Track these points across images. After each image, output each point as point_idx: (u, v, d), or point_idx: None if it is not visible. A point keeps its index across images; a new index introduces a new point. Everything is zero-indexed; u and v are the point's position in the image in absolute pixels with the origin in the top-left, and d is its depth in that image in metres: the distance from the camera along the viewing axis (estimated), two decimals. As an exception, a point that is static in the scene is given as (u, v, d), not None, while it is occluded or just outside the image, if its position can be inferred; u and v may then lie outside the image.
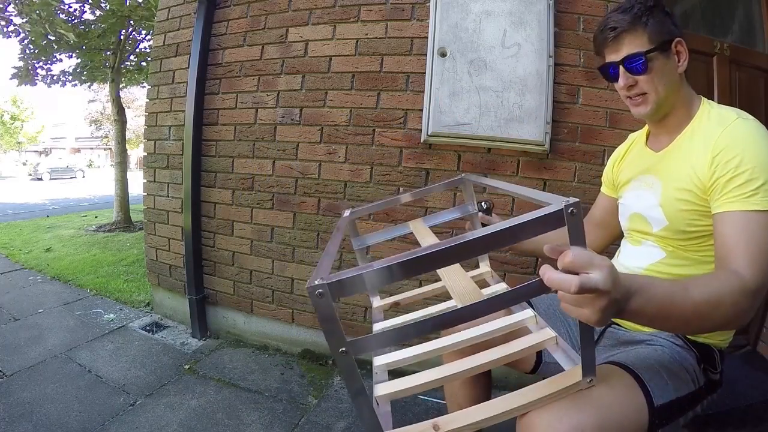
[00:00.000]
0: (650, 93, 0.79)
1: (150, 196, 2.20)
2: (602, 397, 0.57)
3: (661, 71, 0.78)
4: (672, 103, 0.81)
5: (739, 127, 0.71)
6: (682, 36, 0.79)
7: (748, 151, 0.67)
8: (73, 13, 4.42)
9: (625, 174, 0.95)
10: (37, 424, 1.31)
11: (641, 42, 0.77)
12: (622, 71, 0.79)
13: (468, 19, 1.55)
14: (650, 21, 0.76)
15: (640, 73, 0.78)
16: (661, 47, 0.77)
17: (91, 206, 7.94)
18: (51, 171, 18.85)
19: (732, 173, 0.67)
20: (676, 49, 0.78)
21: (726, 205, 0.67)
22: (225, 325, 2.03)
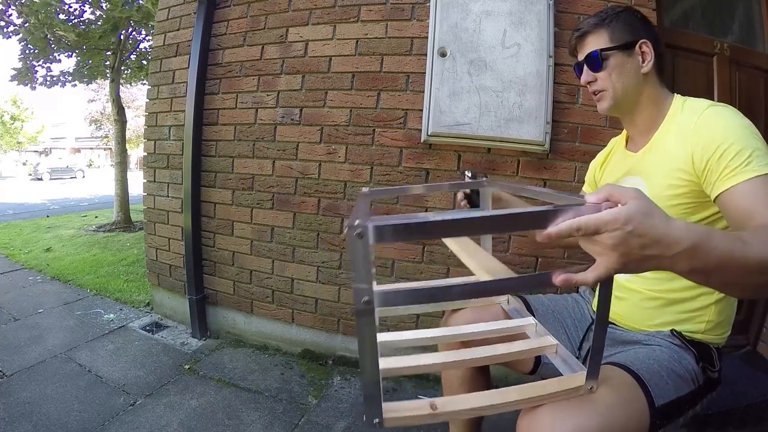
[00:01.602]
0: (607, 90, 0.83)
1: (150, 196, 2.20)
2: (604, 398, 0.57)
3: (619, 69, 0.82)
4: (634, 102, 0.84)
5: (712, 112, 0.73)
6: (652, 38, 0.82)
7: (726, 130, 0.69)
8: (72, 12, 4.42)
9: (606, 179, 0.97)
10: (37, 424, 1.31)
11: (602, 41, 0.82)
12: (585, 68, 0.85)
13: (468, 19, 1.55)
14: (613, 22, 0.81)
15: (597, 70, 0.83)
16: (623, 47, 0.81)
17: (91, 206, 7.94)
18: (51, 171, 18.86)
19: (720, 152, 0.68)
20: (640, 49, 0.81)
21: (726, 181, 0.67)
22: (225, 325, 2.03)
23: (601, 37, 0.82)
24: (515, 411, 0.62)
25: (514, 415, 0.61)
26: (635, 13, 0.85)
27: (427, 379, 1.69)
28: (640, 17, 0.84)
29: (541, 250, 1.60)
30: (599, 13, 0.85)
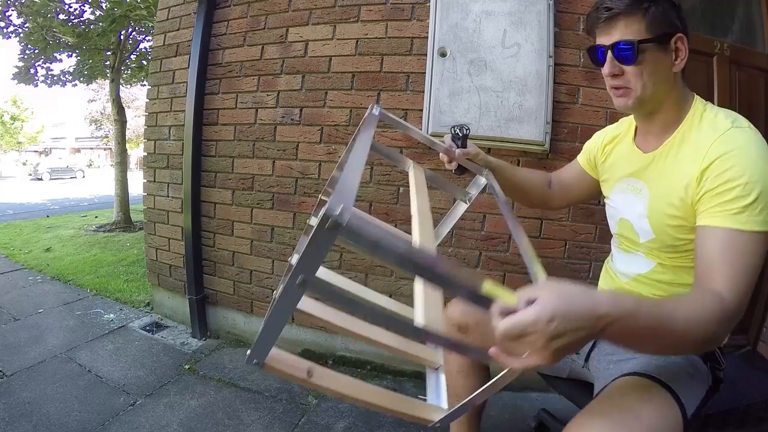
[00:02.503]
0: (635, 88, 0.72)
1: (150, 196, 2.20)
2: (650, 418, 0.58)
3: (652, 66, 0.71)
4: (659, 102, 0.75)
5: (734, 136, 0.66)
6: (686, 33, 0.71)
7: (741, 164, 0.63)
8: (72, 12, 4.42)
9: (612, 171, 0.91)
10: (37, 424, 1.31)
11: (637, 29, 0.69)
12: (610, 57, 0.72)
13: (468, 19, 1.55)
14: (652, 8, 0.69)
15: (628, 63, 0.71)
16: (659, 39, 0.69)
17: (91, 206, 7.94)
18: (51, 171, 18.84)
19: (722, 187, 0.63)
20: (675, 45, 0.71)
21: (712, 218, 0.64)
22: (225, 325, 2.03)
23: (635, 23, 0.69)
24: (515, 410, 0.62)
25: (514, 415, 0.61)
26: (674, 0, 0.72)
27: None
28: (678, 5, 0.72)
29: (541, 251, 1.60)
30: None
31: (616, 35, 0.71)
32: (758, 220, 0.61)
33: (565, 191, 1.05)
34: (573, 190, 1.04)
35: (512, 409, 1.51)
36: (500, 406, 1.53)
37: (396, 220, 1.70)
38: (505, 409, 1.51)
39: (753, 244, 0.61)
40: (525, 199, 1.08)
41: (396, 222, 1.70)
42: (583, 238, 1.59)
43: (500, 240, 1.63)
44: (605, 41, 0.72)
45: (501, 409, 1.50)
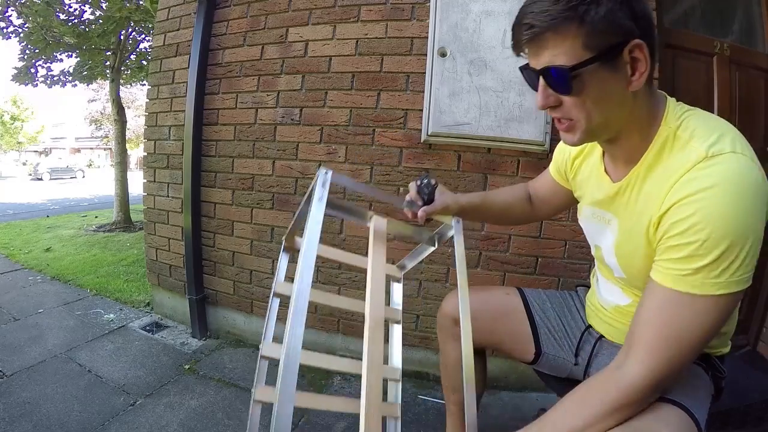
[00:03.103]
0: (578, 120, 0.58)
1: (150, 196, 2.20)
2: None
3: (598, 91, 0.55)
4: (616, 130, 0.61)
5: (704, 172, 0.52)
6: (647, 35, 0.54)
7: (704, 214, 0.51)
8: (72, 12, 4.42)
9: (582, 189, 0.82)
10: (37, 424, 1.31)
11: (571, 47, 0.53)
12: (542, 85, 0.58)
13: (468, 19, 1.55)
14: (590, 14, 0.51)
15: (565, 93, 0.56)
16: (603, 56, 0.53)
17: (91, 206, 7.94)
18: (51, 171, 18.85)
19: (675, 240, 0.54)
20: (630, 55, 0.54)
21: (659, 272, 0.56)
22: (225, 325, 2.03)
23: (568, 41, 0.53)
24: (515, 410, 0.62)
25: (513, 415, 0.62)
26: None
27: (427, 378, 1.69)
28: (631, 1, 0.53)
29: (541, 251, 1.60)
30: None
31: (544, 58, 0.55)
32: (718, 282, 0.51)
33: (544, 203, 0.98)
34: (551, 201, 0.97)
35: (512, 409, 1.52)
36: (500, 406, 1.53)
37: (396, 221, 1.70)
38: (505, 409, 1.51)
39: (703, 306, 0.53)
40: (509, 222, 1.06)
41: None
42: (583, 238, 1.58)
43: (500, 240, 1.63)
44: (534, 63, 0.58)
45: (501, 409, 1.51)
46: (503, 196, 0.98)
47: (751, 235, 0.51)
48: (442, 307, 1.02)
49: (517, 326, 0.94)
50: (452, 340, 1.01)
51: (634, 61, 0.55)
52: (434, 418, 1.44)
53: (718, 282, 0.52)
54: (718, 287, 0.52)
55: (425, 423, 1.41)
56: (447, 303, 1.01)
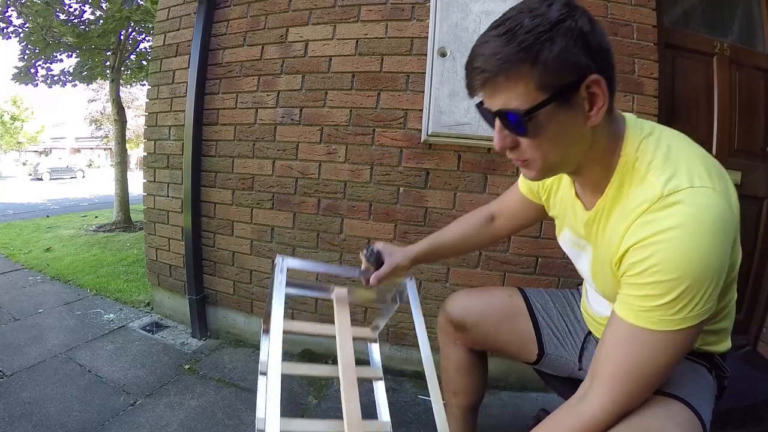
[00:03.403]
0: (535, 160, 0.58)
1: (150, 196, 2.20)
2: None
3: (554, 132, 0.54)
4: (576, 165, 0.61)
5: (663, 216, 0.51)
6: (605, 68, 0.52)
7: (662, 256, 0.51)
8: (72, 12, 4.42)
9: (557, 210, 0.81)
10: (37, 424, 1.31)
11: (524, 91, 0.51)
12: (498, 126, 0.57)
13: (468, 19, 1.55)
14: (543, 54, 0.49)
15: (520, 135, 0.56)
16: (560, 96, 0.51)
17: (91, 206, 7.94)
18: (51, 171, 18.86)
19: (636, 279, 0.54)
20: (587, 92, 0.52)
21: (621, 305, 0.57)
22: (225, 325, 2.03)
23: (521, 84, 0.51)
24: (515, 410, 0.63)
25: (513, 415, 0.62)
26: (578, 22, 0.51)
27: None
28: (586, 29, 0.51)
29: (541, 251, 1.60)
30: (514, 30, 0.51)
31: (498, 100, 0.54)
32: (675, 319, 0.52)
33: (513, 219, 0.98)
34: (521, 217, 0.96)
35: (512, 409, 1.52)
36: (500, 406, 1.53)
37: (396, 221, 1.70)
38: (505, 409, 1.51)
39: (662, 341, 0.53)
40: (471, 250, 1.07)
41: (395, 222, 1.70)
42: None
43: (500, 240, 1.63)
44: (489, 105, 0.56)
45: (501, 409, 1.51)
46: (455, 231, 0.99)
47: (710, 273, 0.51)
48: (443, 310, 1.00)
49: (520, 328, 0.93)
50: (454, 345, 1.00)
51: (591, 97, 0.53)
52: (434, 418, 1.43)
53: (676, 319, 0.52)
54: (676, 323, 0.53)
55: (425, 423, 1.41)
56: (448, 306, 0.99)
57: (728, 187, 0.55)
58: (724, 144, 1.77)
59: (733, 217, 0.53)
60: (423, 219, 1.67)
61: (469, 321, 0.94)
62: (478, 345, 0.98)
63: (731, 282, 0.65)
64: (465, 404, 1.03)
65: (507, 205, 0.98)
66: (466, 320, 0.94)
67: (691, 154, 0.56)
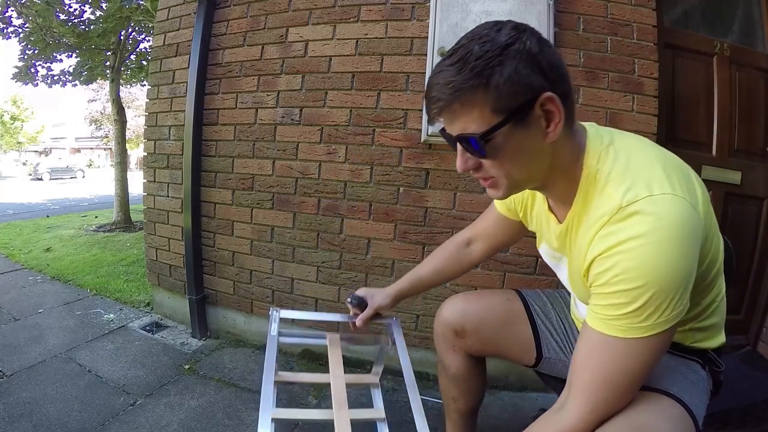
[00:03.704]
0: (499, 178, 0.59)
1: (150, 196, 2.20)
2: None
3: (513, 150, 0.56)
4: (541, 179, 0.62)
5: (623, 227, 0.52)
6: (557, 85, 0.54)
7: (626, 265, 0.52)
8: (72, 12, 4.42)
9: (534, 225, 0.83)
10: (37, 424, 1.31)
11: (479, 115, 0.53)
12: (460, 150, 0.59)
13: (468, 20, 1.55)
14: (494, 78, 0.51)
15: (481, 157, 0.57)
16: (515, 116, 0.53)
17: (91, 206, 7.94)
18: (51, 171, 18.87)
19: (602, 289, 0.55)
20: (543, 109, 0.54)
21: (591, 315, 0.58)
22: (225, 325, 2.03)
23: (476, 108, 0.53)
24: (515, 410, 0.63)
25: (514, 414, 0.62)
26: (526, 44, 0.52)
27: (427, 378, 1.69)
28: (534, 50, 0.53)
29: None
30: (465, 58, 0.52)
31: (457, 125, 0.56)
32: (644, 326, 0.53)
33: (492, 240, 0.99)
34: (499, 237, 0.98)
35: (512, 409, 1.51)
36: (500, 406, 1.53)
37: (396, 221, 1.70)
38: (505, 409, 1.51)
39: (633, 349, 0.54)
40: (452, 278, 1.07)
41: (395, 222, 1.70)
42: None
43: (500, 240, 1.62)
44: (450, 130, 0.58)
45: (501, 409, 1.51)
46: (432, 263, 1.03)
47: (676, 279, 0.51)
48: (441, 316, 0.98)
49: (519, 333, 0.93)
50: (453, 351, 0.98)
51: (547, 114, 0.55)
52: (434, 418, 1.43)
53: (645, 326, 0.53)
54: (645, 330, 0.53)
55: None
56: (445, 311, 0.97)
57: (693, 189, 0.56)
58: (724, 144, 1.77)
59: (699, 219, 0.54)
60: (423, 219, 1.67)
61: (469, 327, 0.93)
62: (477, 351, 0.97)
63: (715, 277, 0.65)
64: (464, 409, 1.02)
65: (483, 228, 1.00)
66: (465, 326, 0.93)
67: (651, 162, 0.57)
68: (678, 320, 0.54)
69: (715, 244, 0.62)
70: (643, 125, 1.54)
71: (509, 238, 0.98)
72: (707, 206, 0.59)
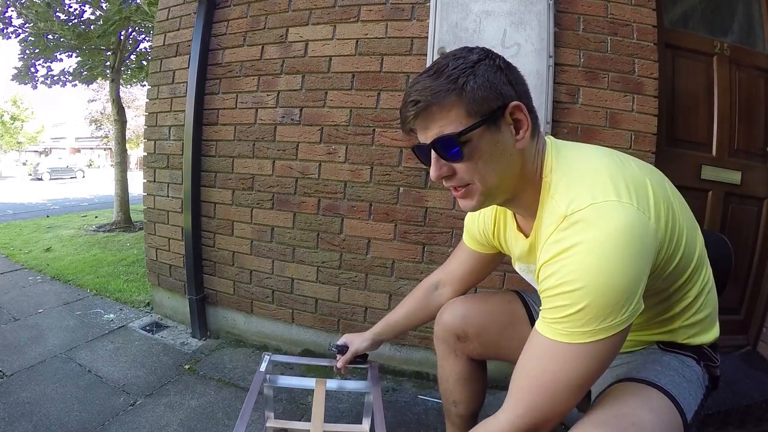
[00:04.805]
0: (473, 183, 0.61)
1: (150, 196, 2.20)
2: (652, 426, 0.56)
3: (489, 153, 0.59)
4: (511, 189, 0.64)
5: (566, 235, 0.54)
6: (522, 97, 0.60)
7: (567, 270, 0.53)
8: (72, 13, 4.42)
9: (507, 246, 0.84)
10: (37, 424, 1.31)
11: (456, 116, 0.57)
12: (435, 157, 0.61)
13: (468, 19, 1.55)
14: (470, 84, 0.56)
15: (457, 160, 0.59)
16: (488, 119, 0.57)
17: (91, 206, 7.94)
18: (51, 171, 18.87)
19: (548, 292, 0.56)
20: (512, 117, 0.59)
21: (538, 321, 0.59)
22: (225, 325, 2.03)
23: (453, 110, 0.57)
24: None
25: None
26: (495, 61, 0.59)
27: (427, 378, 1.69)
28: (503, 65, 0.60)
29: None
30: (438, 71, 0.58)
31: (433, 131, 0.59)
32: (585, 331, 0.53)
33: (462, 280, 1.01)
34: (472, 275, 1.00)
35: (512, 409, 1.51)
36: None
37: (396, 221, 1.70)
38: (505, 409, 1.51)
39: (574, 354, 0.54)
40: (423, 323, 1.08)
41: (395, 222, 1.70)
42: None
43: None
44: (424, 139, 0.61)
45: (501, 409, 1.50)
46: (403, 308, 1.07)
47: (620, 283, 0.51)
48: (441, 320, 0.97)
49: (520, 335, 0.90)
50: (454, 356, 0.97)
51: (516, 122, 0.60)
52: (434, 418, 1.44)
53: (585, 330, 0.53)
54: (586, 336, 0.53)
55: (425, 423, 1.41)
56: (446, 315, 0.96)
57: (645, 195, 0.57)
58: (724, 144, 1.77)
59: (646, 223, 0.54)
60: (423, 219, 1.68)
61: (471, 331, 0.92)
62: (479, 355, 0.96)
63: (696, 269, 0.66)
64: (466, 413, 1.01)
65: (452, 270, 1.01)
66: (467, 331, 0.92)
67: (598, 171, 0.58)
68: (623, 328, 0.53)
69: (686, 242, 0.63)
70: (642, 125, 1.54)
71: (479, 275, 1.00)
72: (667, 209, 0.59)
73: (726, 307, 0.73)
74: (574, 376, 0.54)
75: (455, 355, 0.97)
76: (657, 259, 0.58)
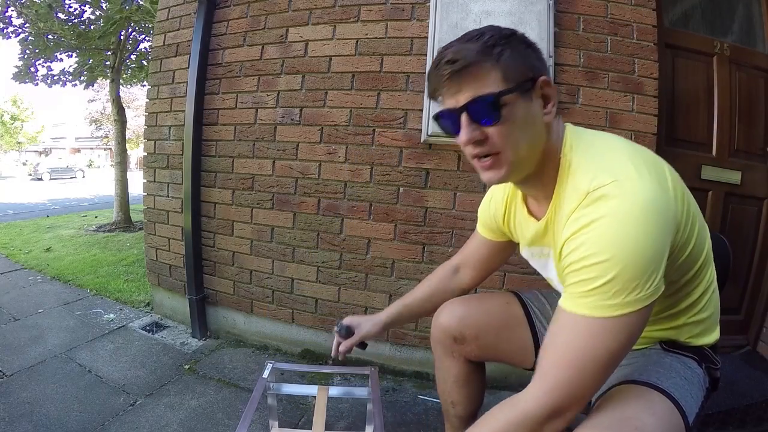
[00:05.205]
0: (505, 151, 0.60)
1: (150, 196, 2.20)
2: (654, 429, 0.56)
3: (523, 119, 0.59)
4: (535, 163, 0.63)
5: (589, 211, 0.55)
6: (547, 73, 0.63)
7: (594, 242, 0.53)
8: (72, 12, 4.42)
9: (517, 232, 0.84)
10: (37, 424, 1.31)
11: (494, 80, 0.57)
12: (466, 121, 0.59)
13: (468, 19, 1.55)
14: (506, 52, 0.57)
15: (491, 123, 0.58)
16: (522, 87, 0.58)
17: (91, 206, 7.94)
18: (51, 171, 18.86)
19: (574, 266, 0.56)
20: (542, 91, 0.60)
21: (563, 298, 0.58)
22: (225, 325, 2.03)
23: (490, 73, 0.57)
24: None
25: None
26: (525, 38, 0.61)
27: (427, 378, 1.69)
28: (531, 43, 0.62)
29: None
30: (475, 36, 0.58)
31: (467, 93, 0.58)
32: (612, 304, 0.52)
33: (478, 265, 1.00)
34: (487, 262, 0.99)
35: (512, 409, 1.51)
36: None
37: (396, 221, 1.70)
38: (505, 409, 1.51)
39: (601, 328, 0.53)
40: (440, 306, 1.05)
41: (395, 221, 1.70)
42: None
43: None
44: (454, 103, 0.59)
45: (501, 409, 1.50)
46: (421, 291, 1.03)
47: (645, 255, 0.52)
48: (438, 321, 0.96)
49: (519, 337, 0.92)
50: (451, 357, 0.96)
51: (545, 96, 0.61)
52: (434, 418, 1.44)
53: (612, 303, 0.52)
54: (613, 309, 0.53)
55: (425, 423, 1.41)
56: (444, 317, 0.95)
57: (663, 177, 0.59)
58: (724, 144, 1.77)
59: (668, 198, 0.56)
60: (423, 219, 1.68)
61: (469, 334, 0.91)
62: (476, 357, 0.95)
63: (703, 266, 0.66)
64: (464, 414, 1.01)
65: (470, 254, 1.00)
66: (465, 333, 0.91)
67: (618, 153, 0.60)
68: (649, 302, 0.53)
69: (698, 232, 0.64)
70: (642, 125, 1.54)
71: (496, 261, 1.00)
72: (682, 193, 0.61)
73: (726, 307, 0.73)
74: (603, 352, 0.53)
75: (453, 357, 0.96)
76: (675, 239, 0.58)
